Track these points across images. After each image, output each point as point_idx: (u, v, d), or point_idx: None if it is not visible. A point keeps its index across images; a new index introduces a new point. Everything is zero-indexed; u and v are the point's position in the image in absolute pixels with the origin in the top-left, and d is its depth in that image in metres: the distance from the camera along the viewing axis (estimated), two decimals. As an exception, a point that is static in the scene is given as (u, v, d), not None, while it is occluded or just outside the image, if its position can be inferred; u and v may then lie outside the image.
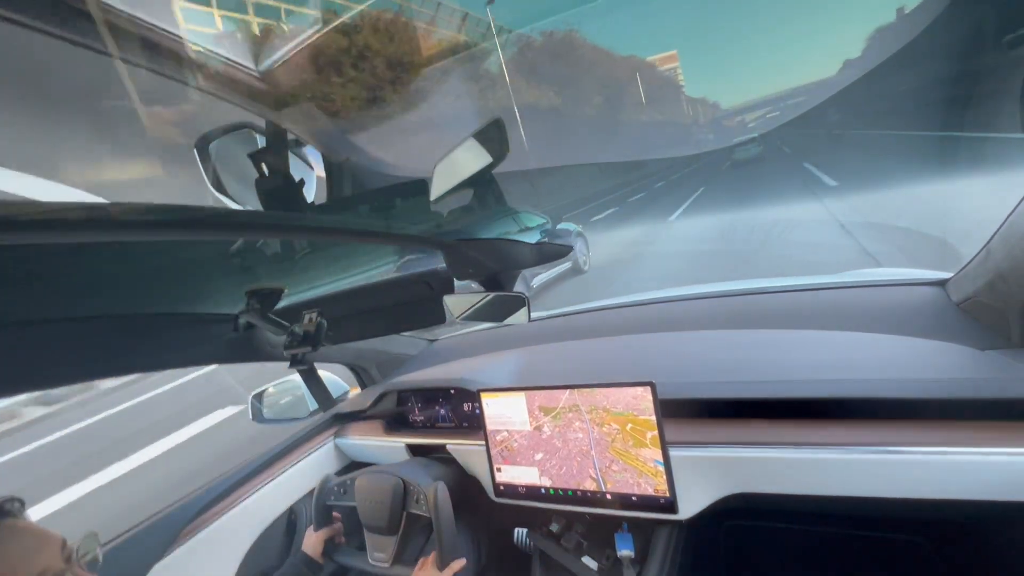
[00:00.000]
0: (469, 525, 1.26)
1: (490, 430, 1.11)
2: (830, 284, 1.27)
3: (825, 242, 5.29)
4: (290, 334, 1.19)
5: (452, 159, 0.68)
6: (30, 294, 0.67)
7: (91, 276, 0.69)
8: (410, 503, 1.05)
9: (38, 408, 7.75)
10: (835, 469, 0.80)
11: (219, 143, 0.75)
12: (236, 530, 1.21)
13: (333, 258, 1.05)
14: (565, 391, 1.01)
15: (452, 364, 1.52)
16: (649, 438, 0.92)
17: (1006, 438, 0.71)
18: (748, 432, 0.90)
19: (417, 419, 1.43)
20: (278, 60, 0.73)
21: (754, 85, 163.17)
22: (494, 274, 0.98)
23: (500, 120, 0.63)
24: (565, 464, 1.03)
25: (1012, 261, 0.76)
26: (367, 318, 1.33)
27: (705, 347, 1.17)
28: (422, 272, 1.12)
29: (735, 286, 1.45)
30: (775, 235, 6.30)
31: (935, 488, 0.74)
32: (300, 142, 0.80)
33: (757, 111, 60.16)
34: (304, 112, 0.81)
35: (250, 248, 0.79)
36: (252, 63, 0.71)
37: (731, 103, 50.41)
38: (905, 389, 0.81)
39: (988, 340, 0.86)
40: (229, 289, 1.02)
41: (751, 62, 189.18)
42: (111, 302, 0.84)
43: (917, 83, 14.68)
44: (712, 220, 8.49)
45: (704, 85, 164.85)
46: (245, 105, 0.74)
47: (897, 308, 1.06)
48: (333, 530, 1.16)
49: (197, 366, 1.30)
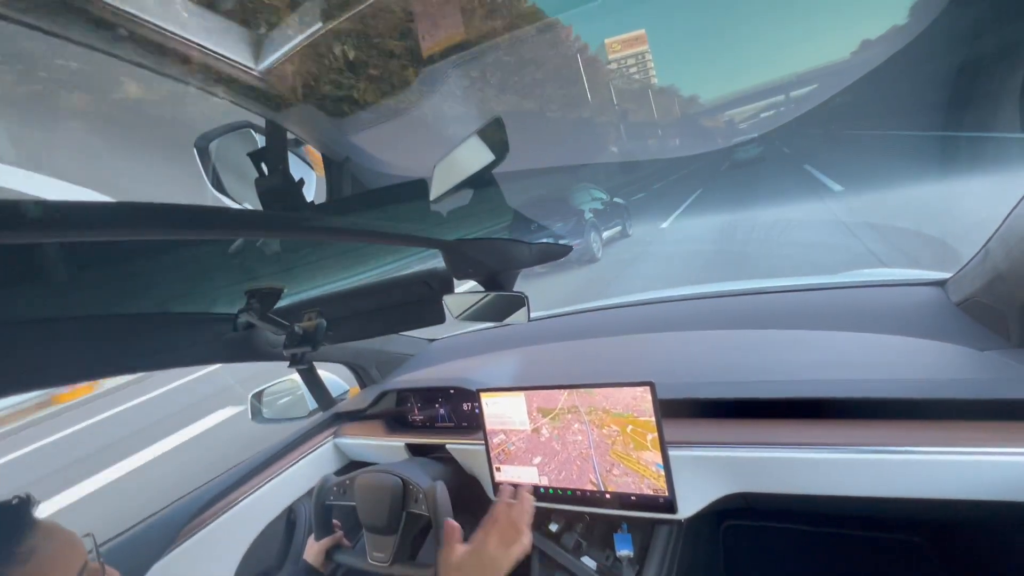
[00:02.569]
0: (469, 525, 1.26)
1: (489, 430, 1.11)
2: (829, 284, 1.27)
3: (824, 242, 5.30)
4: (290, 334, 1.19)
5: (450, 159, 0.68)
6: (30, 293, 0.67)
7: (91, 276, 0.69)
8: (409, 503, 1.05)
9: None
10: (835, 469, 0.80)
11: (219, 142, 0.75)
12: (235, 530, 1.21)
13: (333, 258, 1.05)
14: (564, 391, 1.00)
15: (451, 364, 1.52)
16: (650, 440, 0.91)
17: (1006, 438, 0.71)
18: (748, 432, 0.90)
19: (417, 419, 1.43)
20: (279, 59, 0.73)
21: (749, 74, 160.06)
22: (494, 274, 0.98)
23: (500, 119, 0.63)
24: (564, 468, 1.02)
25: (1011, 261, 0.76)
26: (367, 318, 1.33)
27: (705, 347, 1.17)
28: (422, 272, 1.12)
29: (735, 286, 1.45)
30: (774, 235, 6.31)
31: (935, 488, 0.74)
32: (300, 142, 0.80)
33: (752, 105, 60.11)
34: (304, 112, 0.81)
35: (250, 248, 0.79)
36: (252, 62, 0.71)
37: (719, 94, 50.04)
38: (904, 389, 0.81)
39: (987, 340, 0.86)
40: (229, 289, 1.02)
41: (745, 54, 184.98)
42: (111, 302, 0.84)
43: (917, 83, 14.68)
44: (711, 222, 8.43)
45: (691, 79, 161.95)
46: (245, 105, 0.74)
47: (896, 308, 1.06)
48: (334, 539, 1.16)
49: (197, 366, 1.30)
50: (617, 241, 8.80)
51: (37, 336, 0.76)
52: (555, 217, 7.78)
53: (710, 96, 73.40)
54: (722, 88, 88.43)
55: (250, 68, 0.71)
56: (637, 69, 76.34)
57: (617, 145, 38.26)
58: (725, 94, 54.64)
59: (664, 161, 30.62)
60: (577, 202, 8.27)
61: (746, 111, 69.88)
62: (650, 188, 19.36)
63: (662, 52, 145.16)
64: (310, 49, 0.75)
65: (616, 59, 76.14)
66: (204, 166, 0.75)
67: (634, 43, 76.23)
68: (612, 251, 8.07)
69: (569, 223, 7.73)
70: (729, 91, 60.46)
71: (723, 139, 50.46)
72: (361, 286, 1.24)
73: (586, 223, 7.88)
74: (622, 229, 9.21)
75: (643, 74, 76.74)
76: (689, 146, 45.76)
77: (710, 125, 65.66)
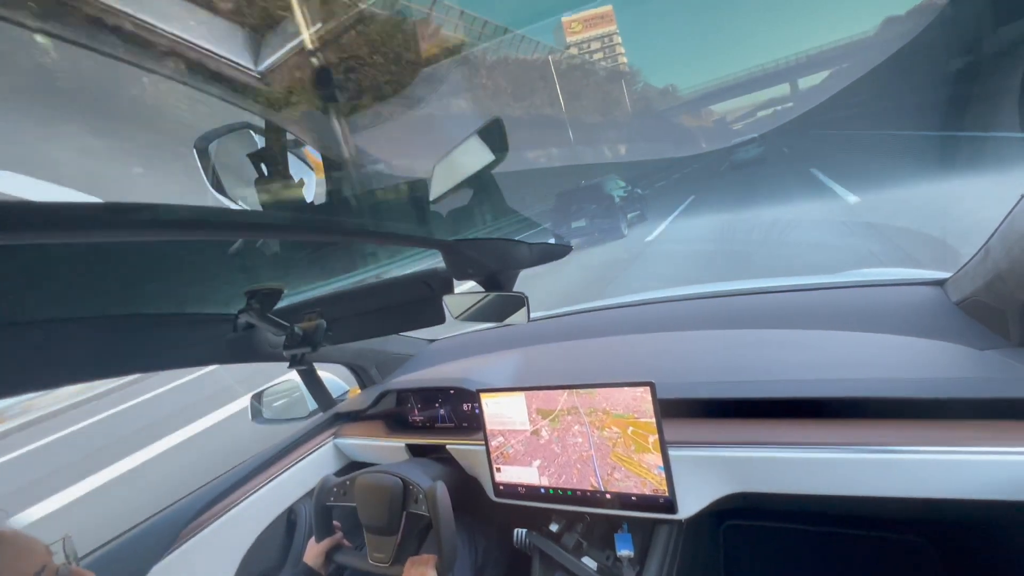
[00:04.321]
0: (469, 525, 1.26)
1: (489, 431, 1.11)
2: (829, 284, 1.27)
3: (824, 242, 5.30)
4: (290, 335, 1.20)
5: (449, 159, 0.68)
6: (31, 294, 0.67)
7: (90, 276, 0.69)
8: (410, 503, 1.05)
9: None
10: (835, 469, 0.80)
11: (219, 143, 0.75)
12: (235, 530, 1.21)
13: (333, 258, 1.05)
14: (564, 392, 1.00)
15: (451, 364, 1.52)
16: (651, 442, 0.91)
17: (1006, 438, 0.71)
18: (748, 432, 0.90)
19: (417, 419, 1.43)
20: (278, 60, 0.73)
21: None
22: (494, 274, 0.98)
23: (499, 120, 0.63)
24: (564, 472, 1.02)
25: (1011, 261, 0.76)
26: (367, 318, 1.33)
27: (705, 347, 1.17)
28: (422, 272, 1.12)
29: (735, 286, 1.45)
30: (774, 235, 6.30)
31: (935, 488, 0.74)
32: (300, 142, 0.80)
33: (747, 98, 57.25)
34: (304, 112, 0.81)
35: (250, 248, 0.79)
36: (252, 63, 0.71)
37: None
38: (905, 389, 0.81)
39: (987, 340, 0.86)
40: (229, 289, 1.02)
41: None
42: (111, 302, 0.84)
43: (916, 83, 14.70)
44: (704, 231, 8.38)
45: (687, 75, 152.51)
46: (245, 105, 0.74)
47: (896, 308, 1.06)
48: (334, 540, 1.16)
49: (197, 366, 1.30)
50: (636, 225, 10.43)
51: (37, 337, 0.76)
52: (592, 200, 9.90)
53: (694, 86, 60.58)
54: (709, 76, 73.34)
55: (250, 69, 0.71)
56: (604, 55, 61.39)
57: (570, 148, 34.38)
58: (711, 83, 48.67)
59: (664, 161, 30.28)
60: (608, 188, 10.23)
61: (740, 107, 67.50)
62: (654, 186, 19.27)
63: (634, 33, 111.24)
64: (310, 50, 0.75)
65: (576, 42, 60.46)
66: (204, 166, 0.75)
67: (599, 22, 60.99)
68: (634, 231, 9.86)
69: (603, 204, 9.84)
70: (717, 80, 52.55)
71: (707, 142, 48.46)
72: (361, 286, 1.24)
73: (616, 205, 9.93)
74: (641, 214, 11.09)
75: (611, 60, 61.39)
76: (672, 148, 42.77)
77: (697, 124, 60.96)
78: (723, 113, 66.73)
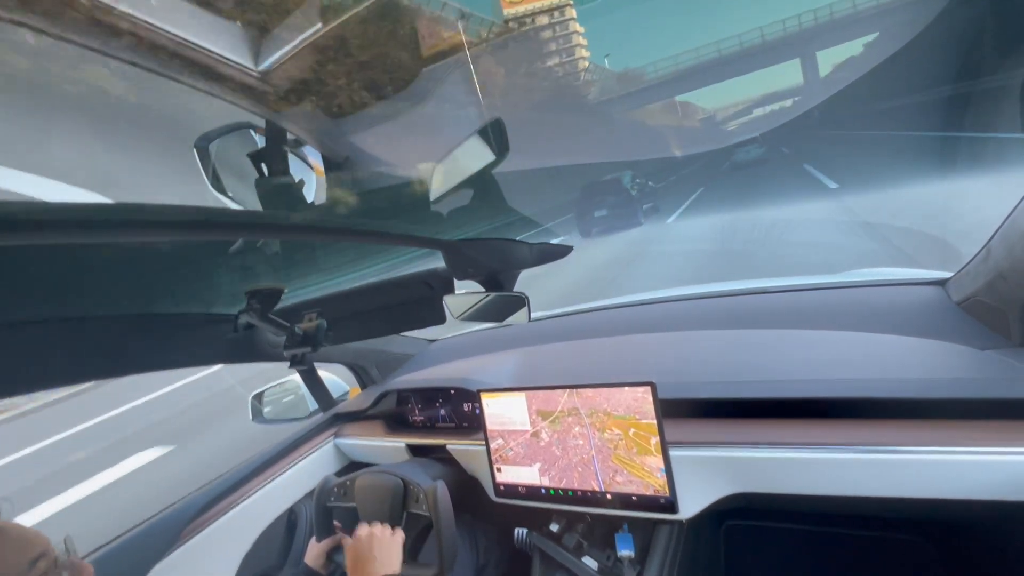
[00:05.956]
0: (469, 525, 1.26)
1: (489, 431, 1.11)
2: (830, 284, 1.27)
3: (825, 242, 5.29)
4: (290, 335, 1.19)
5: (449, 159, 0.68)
6: (31, 294, 0.67)
7: (91, 276, 0.69)
8: (410, 503, 1.05)
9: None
10: (836, 469, 0.80)
11: (219, 143, 0.75)
12: (236, 531, 1.20)
13: (333, 258, 1.05)
14: (564, 392, 1.00)
15: (452, 364, 1.52)
16: (653, 444, 0.91)
17: (1006, 438, 0.71)
18: (748, 432, 0.90)
19: (417, 419, 1.43)
20: (279, 59, 0.73)
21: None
22: (494, 274, 0.98)
23: (500, 120, 0.63)
24: (565, 475, 1.01)
25: (1012, 260, 0.76)
26: (367, 318, 1.33)
27: (705, 347, 1.17)
28: (422, 272, 1.12)
29: (735, 286, 1.45)
30: (775, 235, 6.30)
31: (935, 488, 0.74)
32: (300, 142, 0.80)
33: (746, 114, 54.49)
34: (304, 112, 0.81)
35: (250, 248, 0.79)
36: (252, 63, 0.71)
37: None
38: (905, 389, 0.81)
39: (988, 340, 0.86)
40: (229, 289, 1.02)
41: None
42: (112, 302, 0.84)
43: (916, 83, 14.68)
44: (711, 222, 8.49)
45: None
46: (245, 105, 0.74)
47: (897, 308, 1.06)
48: (335, 540, 1.16)
49: (197, 366, 1.30)
50: (651, 215, 11.66)
51: (37, 336, 0.76)
52: (611, 193, 11.21)
53: (661, 71, 32.95)
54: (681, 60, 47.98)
55: (250, 69, 0.71)
56: (553, 35, 45.31)
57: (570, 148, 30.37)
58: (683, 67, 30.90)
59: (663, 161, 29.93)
60: (625, 183, 11.59)
61: (738, 103, 65.01)
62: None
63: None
64: (309, 50, 0.75)
65: (514, 16, 45.26)
66: (204, 166, 0.75)
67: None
68: (650, 220, 11.22)
69: (621, 196, 11.15)
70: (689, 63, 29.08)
71: (708, 142, 44.89)
72: (361, 286, 1.24)
73: (633, 198, 11.28)
74: (654, 205, 12.31)
75: (564, 43, 45.80)
76: (672, 147, 38.66)
77: (697, 123, 56.49)
78: (722, 110, 64.75)
